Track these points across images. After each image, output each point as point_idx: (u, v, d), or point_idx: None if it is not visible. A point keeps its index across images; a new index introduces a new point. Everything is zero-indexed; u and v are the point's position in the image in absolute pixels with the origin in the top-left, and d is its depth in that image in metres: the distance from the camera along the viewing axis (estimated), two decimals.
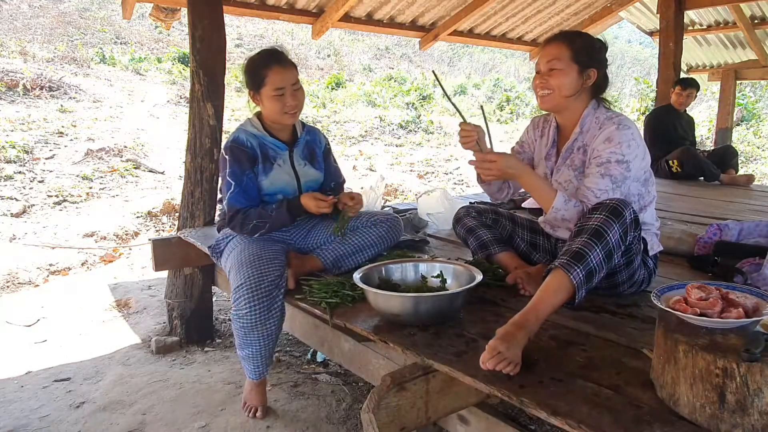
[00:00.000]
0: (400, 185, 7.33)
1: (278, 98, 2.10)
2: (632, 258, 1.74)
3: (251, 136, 2.18)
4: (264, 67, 2.10)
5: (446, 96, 1.97)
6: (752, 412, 1.05)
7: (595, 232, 1.51)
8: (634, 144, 1.76)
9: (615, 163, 1.73)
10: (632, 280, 1.83)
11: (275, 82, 2.08)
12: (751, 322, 1.17)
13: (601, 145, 1.77)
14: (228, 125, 9.13)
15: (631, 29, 12.44)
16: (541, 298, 1.47)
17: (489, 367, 1.30)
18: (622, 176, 1.73)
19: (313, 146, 2.35)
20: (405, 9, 5.15)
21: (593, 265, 1.48)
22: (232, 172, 2.12)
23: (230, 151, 2.13)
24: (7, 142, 6.49)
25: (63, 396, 2.41)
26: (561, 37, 1.85)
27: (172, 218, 5.32)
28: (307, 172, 2.29)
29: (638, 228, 1.64)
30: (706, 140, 10.84)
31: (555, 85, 1.82)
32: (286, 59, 2.14)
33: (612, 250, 1.52)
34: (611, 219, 1.53)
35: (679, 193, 4.39)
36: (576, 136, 1.90)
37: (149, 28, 15.41)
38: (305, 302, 1.94)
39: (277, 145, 2.22)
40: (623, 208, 1.56)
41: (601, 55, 1.86)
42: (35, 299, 3.56)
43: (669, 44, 5.58)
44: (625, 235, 1.56)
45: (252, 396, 2.18)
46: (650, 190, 1.90)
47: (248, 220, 2.10)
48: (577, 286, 1.46)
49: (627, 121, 1.80)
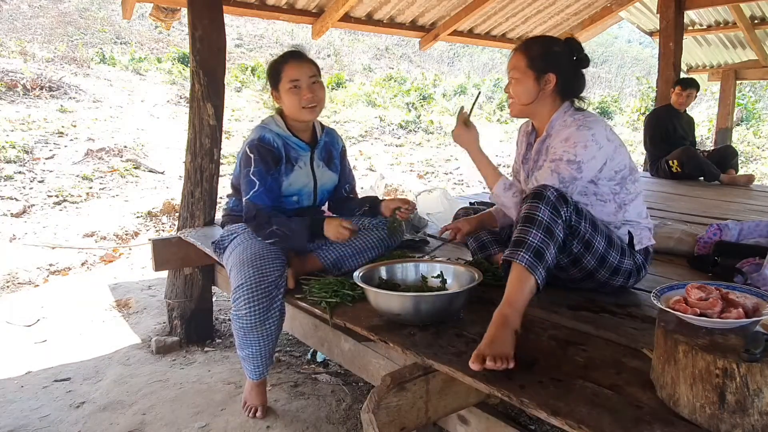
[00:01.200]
0: (400, 185, 7.33)
1: (295, 91, 2.11)
2: (588, 240, 1.74)
3: (276, 135, 2.17)
4: (281, 62, 2.15)
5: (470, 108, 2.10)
6: (752, 412, 1.05)
7: (525, 219, 1.60)
8: (593, 145, 1.77)
9: (566, 162, 1.76)
10: (607, 266, 1.81)
11: (291, 74, 2.11)
12: (751, 322, 1.16)
13: (558, 143, 1.81)
14: (228, 125, 9.13)
15: (631, 29, 12.45)
16: (511, 291, 1.52)
17: (476, 368, 1.32)
18: (571, 176, 1.76)
19: (330, 148, 2.36)
20: (405, 9, 5.15)
21: (536, 244, 1.54)
22: (258, 170, 2.10)
23: (256, 149, 2.11)
24: (7, 142, 6.50)
25: (63, 396, 2.41)
26: (520, 46, 1.91)
27: (172, 218, 5.32)
28: (323, 174, 2.30)
29: (570, 205, 1.65)
30: (706, 140, 10.85)
31: (515, 94, 1.90)
32: (302, 55, 2.17)
33: (549, 226, 1.57)
34: (535, 202, 1.61)
35: (679, 193, 4.39)
36: (543, 139, 1.93)
37: (149, 28, 15.40)
38: (305, 302, 1.94)
39: (300, 146, 2.22)
40: (542, 189, 1.63)
41: (562, 59, 1.87)
42: (35, 299, 3.56)
43: (669, 44, 5.58)
44: (556, 211, 1.60)
45: (252, 396, 2.18)
46: (629, 188, 1.91)
47: (267, 225, 2.07)
48: (529, 267, 1.51)
49: (591, 123, 1.80)
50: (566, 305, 1.81)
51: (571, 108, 1.91)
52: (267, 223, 2.08)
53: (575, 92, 1.92)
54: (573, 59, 1.88)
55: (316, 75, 2.16)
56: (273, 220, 2.08)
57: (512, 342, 1.40)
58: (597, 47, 21.07)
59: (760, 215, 3.49)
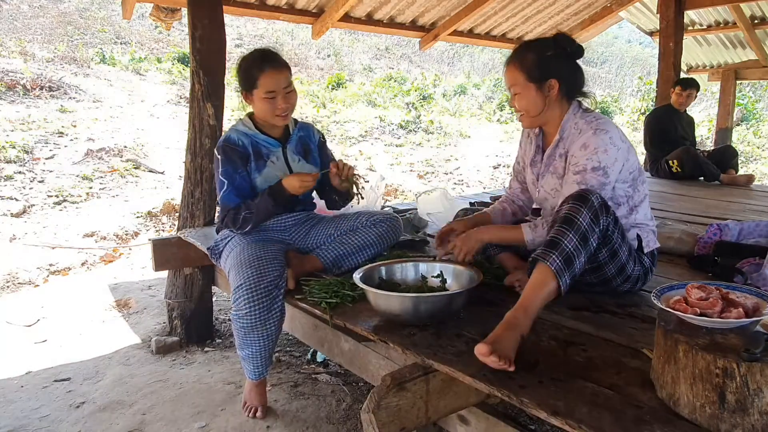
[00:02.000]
0: (400, 185, 7.33)
1: (270, 101, 2.10)
2: (615, 250, 1.73)
3: (242, 134, 2.19)
4: (256, 68, 2.10)
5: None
6: (752, 412, 1.05)
7: (564, 219, 1.56)
8: (612, 148, 1.75)
9: (591, 171, 1.74)
10: (624, 274, 1.81)
11: (267, 85, 2.08)
12: (751, 322, 1.16)
13: (578, 152, 1.79)
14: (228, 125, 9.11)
15: (631, 29, 12.45)
16: (528, 295, 1.49)
17: (482, 351, 1.33)
18: (600, 183, 1.74)
19: (307, 141, 2.35)
20: (405, 9, 5.15)
21: (569, 250, 1.51)
22: (225, 171, 2.13)
23: (222, 150, 2.15)
24: (7, 142, 6.49)
25: (63, 396, 2.41)
26: (513, 58, 1.86)
27: (172, 218, 5.32)
28: (301, 167, 2.29)
29: (610, 214, 1.64)
30: (706, 140, 10.85)
31: (522, 108, 1.87)
32: (279, 60, 2.13)
33: (586, 234, 1.54)
34: (578, 204, 1.57)
35: (679, 193, 4.39)
36: (557, 143, 1.91)
37: (149, 28, 15.41)
38: (305, 302, 1.94)
39: (269, 143, 2.23)
40: (588, 193, 1.60)
41: (558, 63, 1.83)
42: (35, 299, 3.56)
43: (669, 44, 5.58)
44: (596, 219, 1.57)
45: (252, 396, 2.18)
46: (640, 189, 1.90)
47: (238, 215, 2.12)
48: (557, 272, 1.48)
49: (605, 125, 1.79)
50: (566, 305, 1.81)
51: (579, 109, 1.89)
52: (237, 214, 2.11)
53: (579, 88, 1.90)
54: (567, 55, 1.85)
55: (290, 83, 2.15)
56: (241, 208, 2.12)
57: (515, 345, 1.39)
58: (597, 47, 21.07)
59: (760, 215, 3.49)
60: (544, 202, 2.01)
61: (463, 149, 10.18)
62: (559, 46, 1.84)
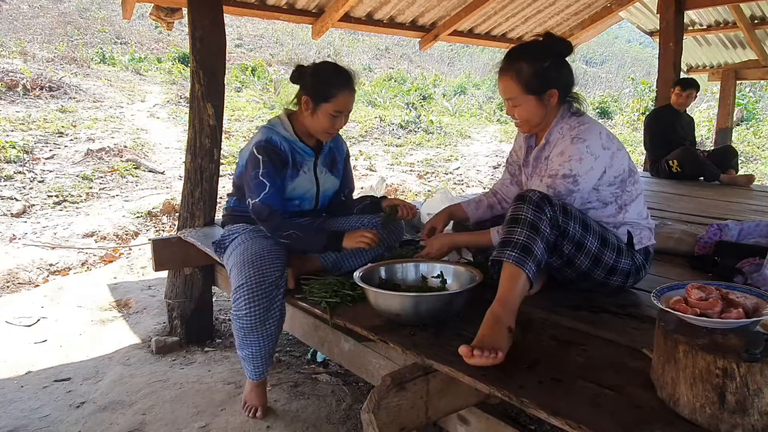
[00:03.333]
0: (400, 185, 7.33)
1: (333, 119, 2.09)
2: (579, 241, 1.73)
3: (283, 139, 2.14)
4: (339, 84, 2.07)
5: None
6: (752, 412, 1.05)
7: (509, 220, 1.63)
8: (588, 157, 1.77)
9: (561, 177, 1.78)
10: (602, 266, 1.80)
11: (341, 104, 2.07)
12: (751, 322, 1.16)
13: (555, 158, 1.83)
14: (228, 125, 9.13)
15: (631, 29, 12.45)
16: (501, 289, 1.54)
17: (464, 352, 1.35)
18: (567, 190, 1.77)
19: (335, 153, 2.35)
20: (405, 9, 5.15)
21: (522, 240, 1.55)
22: (267, 172, 2.06)
23: (264, 151, 2.07)
24: (7, 142, 6.50)
25: (63, 396, 2.41)
26: (507, 68, 1.82)
27: (172, 218, 5.32)
28: (326, 179, 2.29)
29: (555, 206, 1.65)
30: (706, 140, 10.85)
31: (521, 118, 1.88)
32: (355, 83, 2.14)
33: (533, 223, 1.59)
34: (518, 204, 1.63)
35: (679, 193, 4.39)
36: (542, 146, 1.93)
37: (149, 28, 15.41)
38: (305, 302, 1.94)
39: (306, 151, 2.20)
40: (525, 192, 1.66)
41: (557, 71, 1.82)
42: (35, 299, 3.56)
43: (669, 44, 5.57)
44: (539, 209, 1.61)
45: (252, 396, 2.18)
46: (629, 189, 1.90)
47: (285, 227, 2.07)
48: (517, 262, 1.52)
49: (586, 133, 1.79)
50: (566, 305, 1.81)
51: (568, 112, 1.89)
52: (284, 225, 2.07)
53: (570, 89, 1.91)
54: (562, 61, 1.84)
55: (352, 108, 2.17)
56: (287, 223, 2.08)
57: (503, 339, 1.41)
58: (597, 47, 21.06)
59: (760, 215, 3.49)
60: None
61: (463, 149, 10.18)
62: (554, 53, 1.82)
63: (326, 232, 2.10)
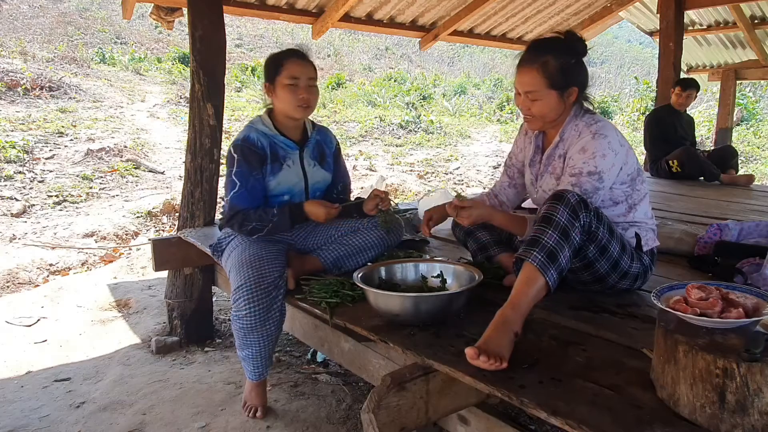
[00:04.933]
0: (400, 185, 7.33)
1: (292, 88, 2.10)
2: (604, 245, 1.72)
3: (262, 135, 2.16)
4: (283, 57, 2.14)
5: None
6: (752, 412, 1.05)
7: (542, 219, 1.58)
8: (610, 153, 1.76)
9: (587, 175, 1.75)
10: (618, 271, 1.80)
11: (292, 71, 2.10)
12: (751, 322, 1.16)
13: (576, 155, 1.79)
14: (228, 125, 9.12)
15: (631, 29, 12.44)
16: (516, 292, 1.50)
17: (470, 354, 1.34)
18: (593, 188, 1.75)
19: (323, 146, 2.34)
20: (405, 9, 5.15)
21: (550, 245, 1.52)
22: (240, 171, 2.10)
23: (240, 149, 2.11)
24: (7, 142, 6.50)
25: (63, 396, 2.41)
26: (532, 60, 1.78)
27: (172, 218, 5.32)
28: (315, 173, 2.28)
29: (590, 210, 1.64)
30: (706, 140, 10.85)
31: (538, 113, 1.83)
32: (306, 56, 2.18)
33: (566, 228, 1.55)
34: (554, 203, 1.59)
35: (679, 193, 4.39)
36: (556, 144, 1.91)
37: (149, 28, 15.41)
38: (305, 302, 1.94)
39: (288, 145, 2.21)
40: (563, 192, 1.62)
41: (578, 69, 1.81)
42: (35, 299, 3.56)
43: (669, 44, 5.57)
44: (575, 214, 1.58)
45: (252, 396, 2.18)
46: (639, 188, 1.90)
47: (247, 222, 2.09)
48: (540, 267, 1.49)
49: (604, 129, 1.79)
50: (566, 305, 1.81)
51: (581, 110, 1.89)
52: (246, 220, 2.09)
53: (586, 89, 1.89)
54: (581, 60, 1.83)
55: (314, 78, 2.16)
56: (251, 215, 2.09)
57: (509, 344, 1.39)
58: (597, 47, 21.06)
59: (760, 215, 3.49)
60: (542, 202, 2.01)
61: (463, 149, 10.18)
62: (578, 51, 1.81)
63: (287, 208, 2.11)
